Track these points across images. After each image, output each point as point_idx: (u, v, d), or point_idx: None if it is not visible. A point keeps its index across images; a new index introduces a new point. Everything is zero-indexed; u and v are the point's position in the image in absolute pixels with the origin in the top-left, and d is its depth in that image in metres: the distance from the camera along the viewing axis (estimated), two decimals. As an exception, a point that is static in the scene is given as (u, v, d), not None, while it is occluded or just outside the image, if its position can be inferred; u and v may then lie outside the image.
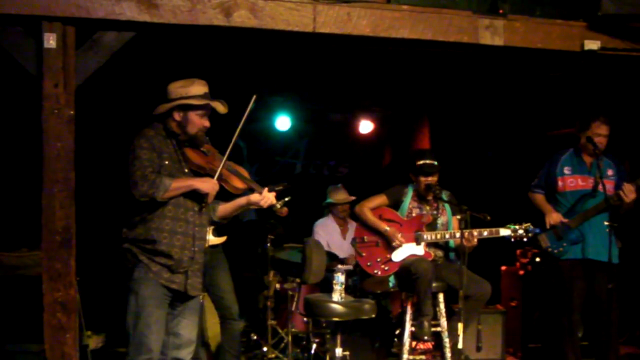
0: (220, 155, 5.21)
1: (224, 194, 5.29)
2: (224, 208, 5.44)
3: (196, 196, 5.11)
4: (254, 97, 5.17)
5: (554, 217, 7.06)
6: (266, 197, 5.22)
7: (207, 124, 5.22)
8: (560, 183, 7.14)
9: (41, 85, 5.57)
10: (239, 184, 5.24)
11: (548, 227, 7.09)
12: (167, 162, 5.08)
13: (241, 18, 5.94)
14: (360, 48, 6.91)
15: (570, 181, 7.12)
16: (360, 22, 6.20)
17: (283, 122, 10.89)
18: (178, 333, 5.21)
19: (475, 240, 6.90)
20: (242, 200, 5.34)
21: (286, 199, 5.33)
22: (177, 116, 5.15)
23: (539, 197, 7.32)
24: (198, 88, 5.16)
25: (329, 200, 9.10)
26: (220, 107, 5.21)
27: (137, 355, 5.02)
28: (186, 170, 5.17)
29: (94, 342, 7.49)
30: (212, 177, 5.10)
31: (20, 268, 7.26)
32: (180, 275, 5.09)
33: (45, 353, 5.58)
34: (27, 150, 6.26)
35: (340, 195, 9.10)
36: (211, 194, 5.09)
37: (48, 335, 5.58)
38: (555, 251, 7.06)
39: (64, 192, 5.59)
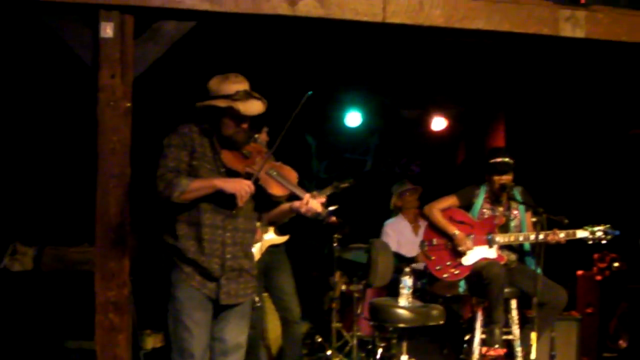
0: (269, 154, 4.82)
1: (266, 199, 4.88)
2: (269, 212, 5.10)
3: (227, 198, 4.67)
4: (308, 93, 4.62)
5: None
6: (308, 205, 4.73)
7: (243, 125, 4.79)
8: None
9: (97, 76, 5.46)
10: (277, 191, 4.75)
11: None
12: (195, 163, 4.74)
13: (307, 7, 5.79)
14: (433, 40, 6.69)
15: None
16: (433, 12, 6.02)
17: (353, 118, 10.71)
18: (223, 338, 4.90)
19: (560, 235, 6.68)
20: (285, 206, 4.93)
21: (331, 208, 4.97)
22: (210, 116, 4.81)
23: None
24: (230, 86, 4.75)
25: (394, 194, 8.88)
26: (249, 109, 4.73)
27: None
28: (222, 170, 4.80)
29: (152, 340, 7.44)
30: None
31: (82, 263, 7.24)
32: (212, 282, 4.80)
33: (97, 354, 5.48)
34: (90, 143, 6.14)
35: (404, 187, 8.89)
36: (240, 195, 4.58)
37: (99, 336, 5.48)
38: None
39: (119, 188, 5.48)
